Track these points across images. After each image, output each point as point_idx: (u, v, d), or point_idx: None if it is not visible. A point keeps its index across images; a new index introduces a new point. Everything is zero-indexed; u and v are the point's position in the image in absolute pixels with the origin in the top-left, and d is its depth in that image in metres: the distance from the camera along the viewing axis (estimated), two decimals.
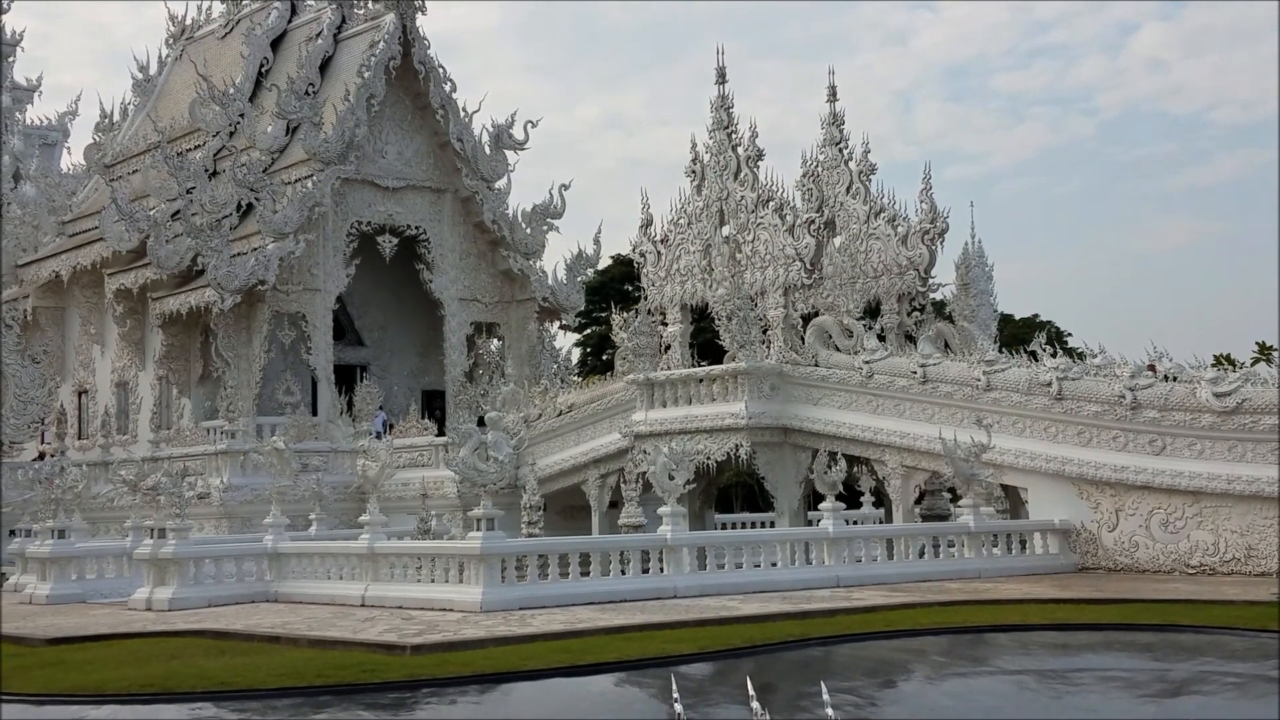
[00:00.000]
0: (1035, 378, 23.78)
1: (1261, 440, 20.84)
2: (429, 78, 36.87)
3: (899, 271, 28.54)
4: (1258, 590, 18.15)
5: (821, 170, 30.12)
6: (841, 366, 27.02)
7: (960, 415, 24.62)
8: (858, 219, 29.25)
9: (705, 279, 30.74)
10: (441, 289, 37.32)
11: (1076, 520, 22.84)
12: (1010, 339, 36.63)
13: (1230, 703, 10.99)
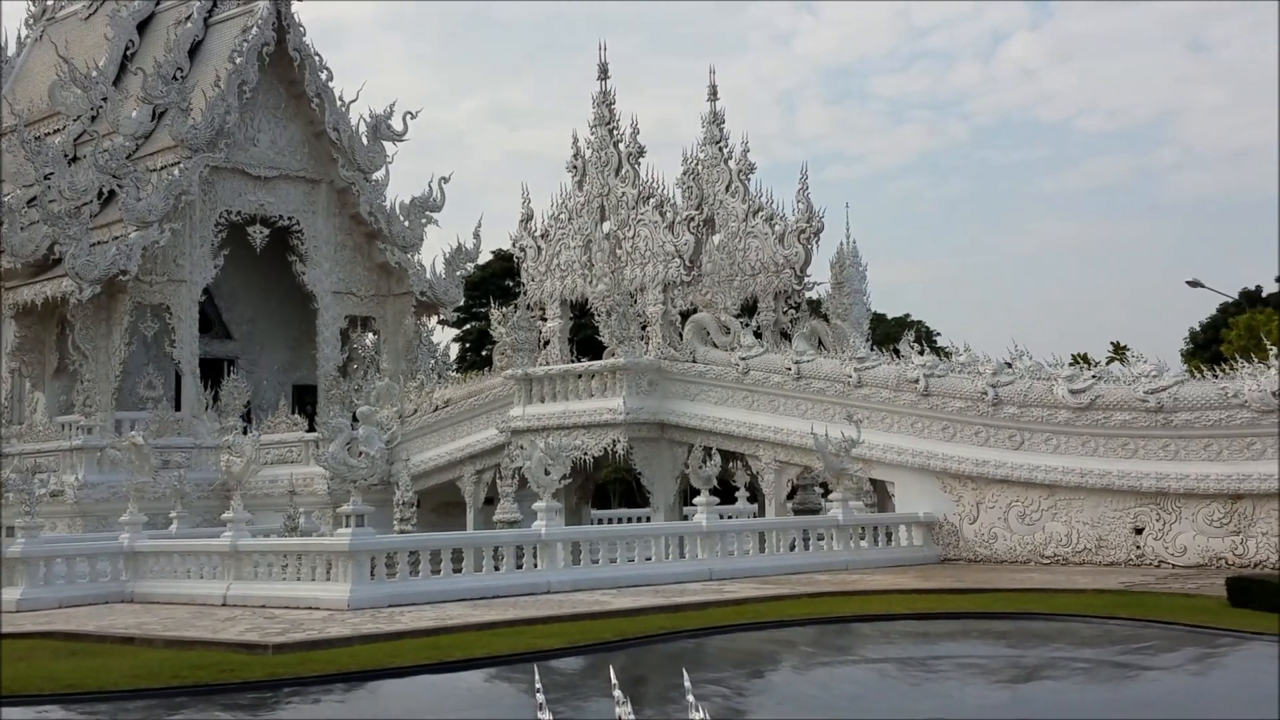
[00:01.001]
0: (903, 375, 24.32)
1: (1113, 436, 21.63)
2: (304, 65, 36.26)
3: (776, 270, 28.92)
4: (1107, 579, 18.85)
5: (702, 168, 30.36)
6: (718, 363, 27.30)
7: (832, 411, 25.08)
8: (736, 217, 29.56)
9: (585, 274, 30.79)
10: (315, 281, 36.75)
11: (940, 513, 23.43)
12: (883, 338, 37.32)
13: (1078, 687, 11.40)
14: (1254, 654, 12.44)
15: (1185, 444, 20.93)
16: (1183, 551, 20.81)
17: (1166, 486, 20.92)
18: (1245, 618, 14.09)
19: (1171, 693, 10.97)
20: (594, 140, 31.04)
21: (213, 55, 37.09)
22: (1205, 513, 20.62)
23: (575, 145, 31.40)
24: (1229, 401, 20.50)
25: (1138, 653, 12.87)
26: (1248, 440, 20.34)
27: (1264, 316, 46.03)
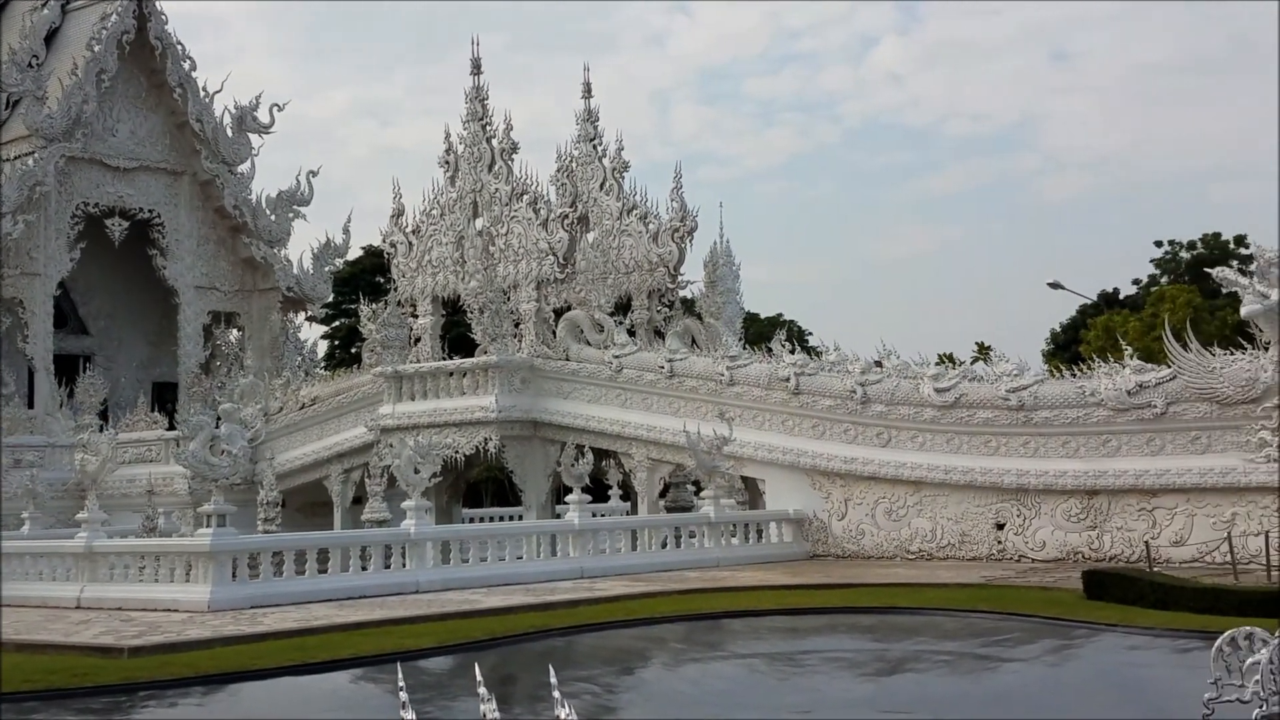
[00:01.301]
0: (775, 373, 24.56)
1: (976, 433, 22.12)
2: (166, 54, 35.29)
3: (649, 268, 28.98)
4: (969, 573, 19.26)
5: (576, 166, 30.28)
6: (592, 361, 27.26)
7: (705, 409, 25.20)
8: (611, 215, 29.54)
9: (457, 271, 30.51)
10: (176, 276, 35.77)
11: (810, 510, 23.71)
12: (755, 337, 37.65)
13: (941, 679, 11.61)
14: (1107, 645, 12.80)
15: (1045, 441, 21.49)
16: (1042, 546, 21.36)
17: (1027, 483, 21.46)
18: (1100, 610, 14.51)
19: (1029, 684, 11.22)
20: (467, 136, 30.78)
21: (70, 43, 35.88)
22: (1063, 508, 21.20)
23: (448, 141, 31.10)
24: (1086, 400, 21.10)
25: (998, 645, 13.14)
26: (1104, 438, 20.95)
27: (1121, 318, 47.49)
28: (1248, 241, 52.16)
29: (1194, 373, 20.08)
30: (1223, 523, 19.45)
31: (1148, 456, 20.48)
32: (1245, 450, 19.58)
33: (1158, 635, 12.99)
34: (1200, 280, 44.24)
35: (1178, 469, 20.11)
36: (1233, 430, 19.77)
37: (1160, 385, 20.40)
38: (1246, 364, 19.71)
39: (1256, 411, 19.54)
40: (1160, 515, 20.29)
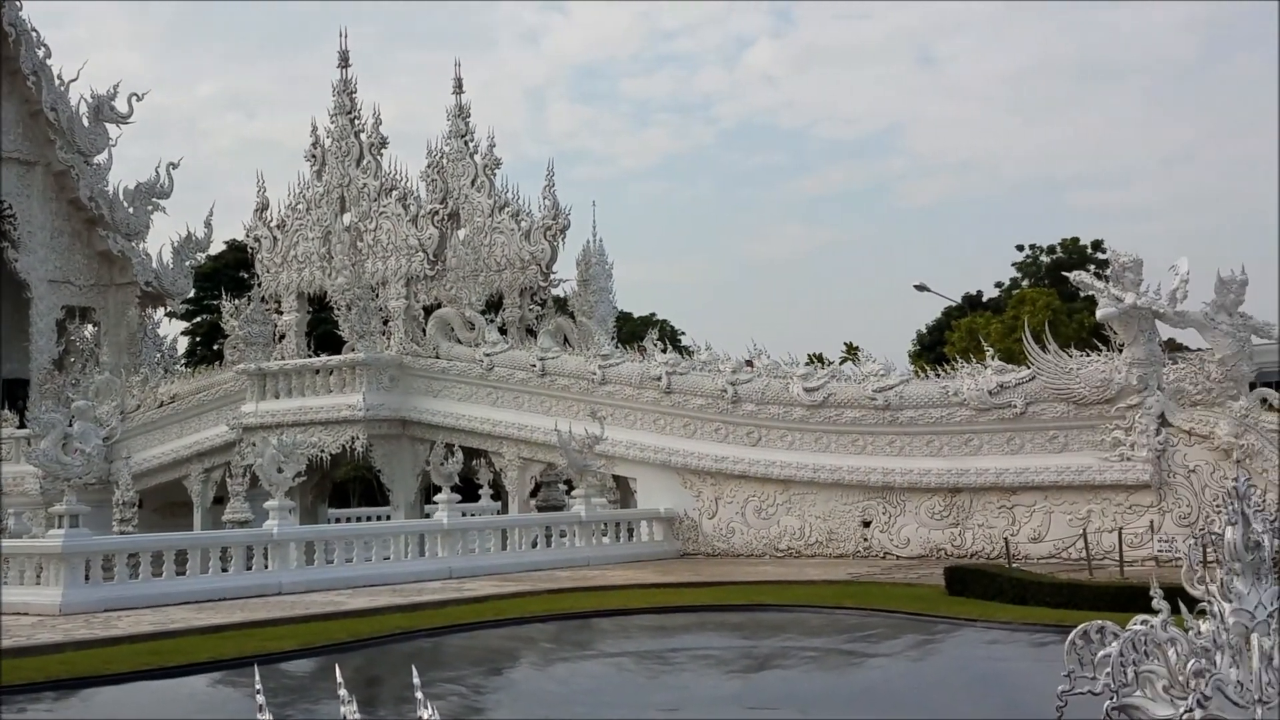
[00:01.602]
0: (647, 373, 24.62)
1: (843, 432, 22.45)
2: (20, 41, 34.01)
3: (521, 266, 28.83)
4: (836, 570, 19.54)
5: (447, 162, 29.98)
6: (462, 359, 27.04)
7: (576, 408, 25.16)
8: (482, 212, 29.32)
9: (324, 267, 29.98)
10: (28, 269, 34.47)
11: (681, 508, 23.83)
12: (628, 336, 37.74)
13: (807, 675, 11.73)
14: (968, 640, 13.07)
15: (910, 440, 21.90)
16: (906, 543, 21.77)
17: (892, 481, 21.85)
18: (961, 605, 14.80)
19: (892, 678, 11.39)
20: (334, 129, 30.27)
21: None
22: (927, 506, 21.63)
23: (314, 134, 30.56)
24: (950, 400, 21.55)
25: (863, 640, 13.33)
26: (966, 437, 21.44)
27: (983, 320, 48.70)
28: (1105, 246, 53.89)
29: (1052, 374, 20.65)
30: (1078, 520, 20.03)
31: (1008, 455, 21.01)
32: (1100, 449, 20.20)
33: (1015, 630, 13.30)
34: (1059, 283, 45.50)
35: (1036, 467, 20.66)
36: (1088, 429, 20.38)
37: (1020, 386, 20.94)
38: (1102, 365, 20.34)
39: (1111, 411, 20.18)
40: (1019, 512, 20.82)
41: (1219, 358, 19.67)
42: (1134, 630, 7.11)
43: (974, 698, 10.39)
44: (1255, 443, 18.79)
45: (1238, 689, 6.77)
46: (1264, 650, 6.88)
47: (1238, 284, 19.60)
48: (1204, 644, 7.00)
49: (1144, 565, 17.87)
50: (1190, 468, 19.50)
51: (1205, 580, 7.31)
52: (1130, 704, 7.01)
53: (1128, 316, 19.83)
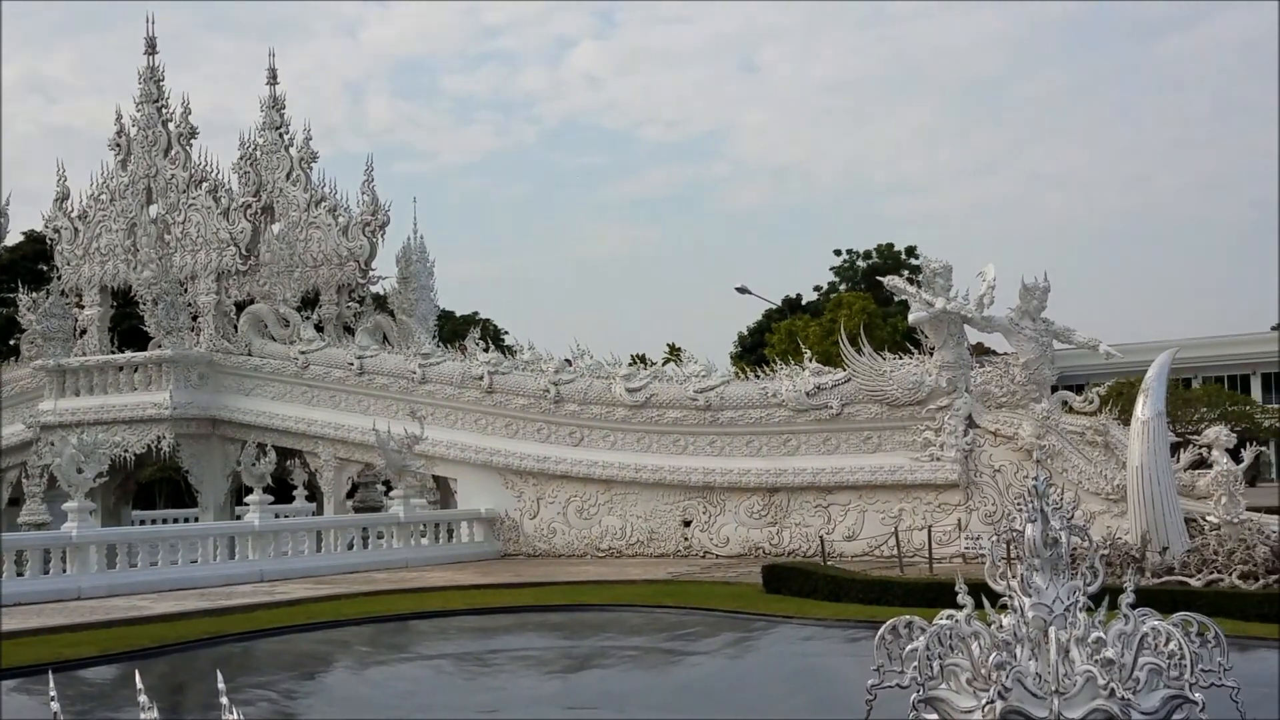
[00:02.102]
0: (468, 372, 24.40)
1: (665, 433, 22.63)
2: None
3: (339, 262, 28.21)
4: (657, 570, 19.67)
5: (261, 154, 29.14)
6: (276, 356, 26.38)
7: (396, 407, 24.79)
8: (298, 206, 28.60)
9: (129, 260, 28.84)
10: None
11: (502, 509, 23.68)
12: (450, 334, 37.36)
13: (626, 674, 11.74)
14: (784, 636, 13.27)
15: (730, 440, 22.19)
16: (726, 542, 22.05)
17: (713, 481, 22.11)
18: (778, 603, 15.06)
19: (710, 675, 11.48)
20: (140, 118, 29.16)
21: None
22: (746, 505, 21.94)
23: (119, 122, 29.39)
24: (769, 401, 21.91)
25: (682, 638, 13.42)
26: (785, 437, 21.83)
27: (802, 322, 49.73)
28: (918, 252, 55.69)
29: (866, 376, 21.18)
30: (891, 518, 20.60)
31: (824, 455, 21.47)
32: (911, 449, 20.81)
33: (829, 626, 13.57)
34: (875, 288, 46.80)
35: (851, 467, 21.17)
36: (901, 430, 20.97)
37: (836, 387, 21.42)
38: (913, 368, 20.95)
39: (922, 413, 20.80)
40: (835, 511, 21.30)
41: (1023, 361, 20.45)
42: (939, 625, 7.31)
43: (789, 693, 10.54)
44: (1056, 443, 19.59)
45: (1036, 680, 7.02)
46: (1061, 643, 7.15)
47: (1041, 290, 20.40)
48: (1005, 637, 7.23)
49: (952, 562, 18.47)
50: (996, 467, 20.22)
51: (1007, 576, 7.57)
52: (936, 696, 7.20)
53: (938, 321, 20.45)
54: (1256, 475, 49.69)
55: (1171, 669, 7.11)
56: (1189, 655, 7.07)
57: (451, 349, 25.66)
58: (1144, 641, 7.15)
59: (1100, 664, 6.98)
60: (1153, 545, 15.48)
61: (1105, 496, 19.05)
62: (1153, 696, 7.07)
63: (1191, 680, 7.03)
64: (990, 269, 20.70)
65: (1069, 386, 28.60)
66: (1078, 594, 7.45)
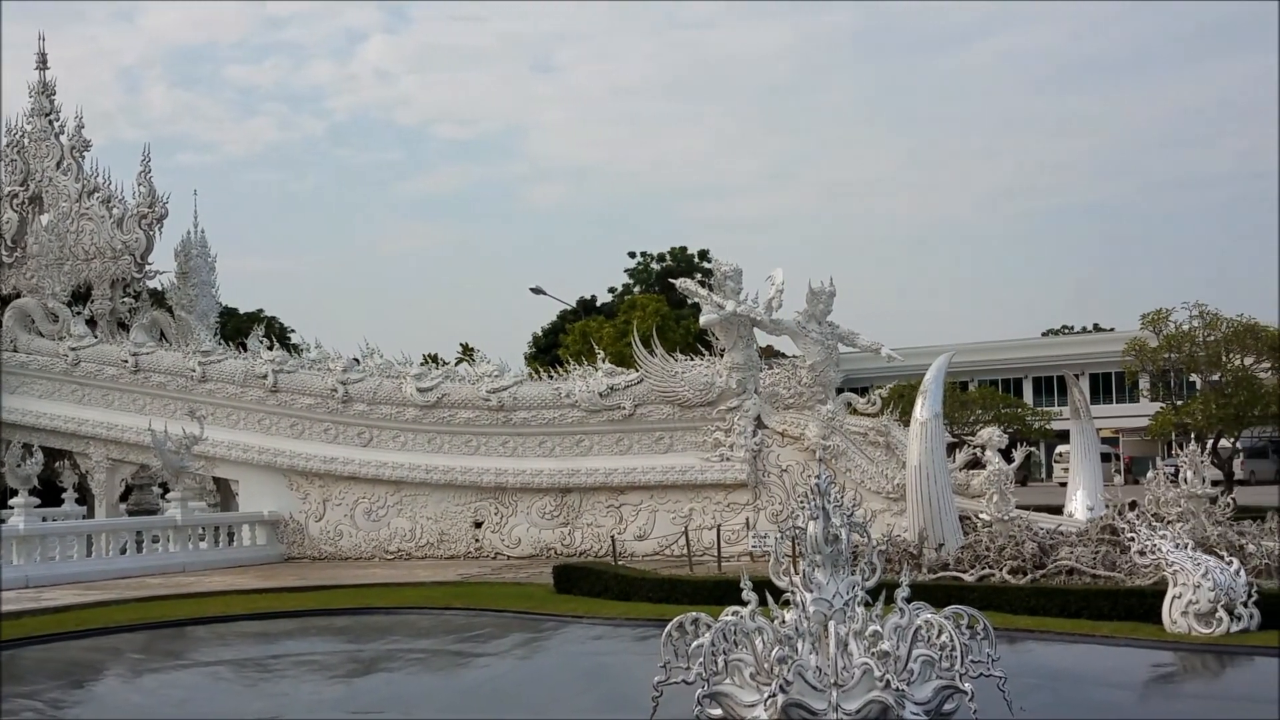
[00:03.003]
0: (252, 370, 23.69)
1: (457, 433, 22.41)
2: None
3: (113, 256, 26.98)
4: (447, 571, 19.47)
5: (29, 141, 27.70)
6: (44, 353, 25.16)
7: (174, 407, 23.90)
8: (69, 197, 27.25)
9: None
10: None
11: (286, 511, 23.07)
12: (233, 332, 36.21)
13: (413, 677, 11.56)
14: (574, 636, 13.32)
15: (523, 441, 22.12)
16: (518, 543, 21.97)
17: (505, 481, 21.99)
18: (568, 603, 15.10)
19: (499, 676, 11.42)
20: None
21: None
22: (539, 506, 21.90)
23: None
24: (562, 401, 21.92)
25: (471, 640, 13.31)
26: (578, 438, 21.87)
27: (597, 323, 49.98)
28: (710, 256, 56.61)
29: (658, 377, 21.40)
30: (681, 518, 20.86)
31: (617, 455, 21.61)
32: (702, 450, 21.12)
33: (619, 625, 13.67)
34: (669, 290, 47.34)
35: (643, 467, 21.36)
36: (692, 431, 21.27)
37: (629, 388, 21.58)
38: (704, 369, 21.27)
39: (712, 414, 21.13)
40: (627, 511, 21.45)
41: (809, 364, 20.99)
42: (724, 621, 7.43)
43: (578, 692, 10.56)
44: (840, 444, 20.17)
45: (816, 674, 7.21)
46: (840, 637, 7.36)
47: (827, 295, 20.99)
48: (787, 632, 7.41)
49: (741, 560, 18.79)
50: (783, 467, 20.70)
51: (790, 572, 7.74)
52: (720, 691, 7.31)
53: (728, 323, 20.82)
54: (1027, 475, 52.26)
55: (943, 660, 7.42)
56: (959, 647, 7.39)
57: (233, 347, 24.86)
58: (918, 634, 7.43)
59: (877, 656, 7.22)
60: (929, 542, 16.04)
61: (886, 495, 19.69)
62: (925, 687, 7.35)
63: (962, 671, 7.35)
64: (779, 273, 21.17)
65: (854, 389, 29.57)
66: (857, 589, 7.69)
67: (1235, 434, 33.45)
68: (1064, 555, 14.86)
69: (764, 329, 21.30)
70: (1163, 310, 33.08)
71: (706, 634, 7.40)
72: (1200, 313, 32.13)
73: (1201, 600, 11.62)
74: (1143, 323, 33.70)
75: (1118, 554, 14.53)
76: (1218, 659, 11.10)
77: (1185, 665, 11.09)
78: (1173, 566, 11.94)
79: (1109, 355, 48.47)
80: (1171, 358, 32.93)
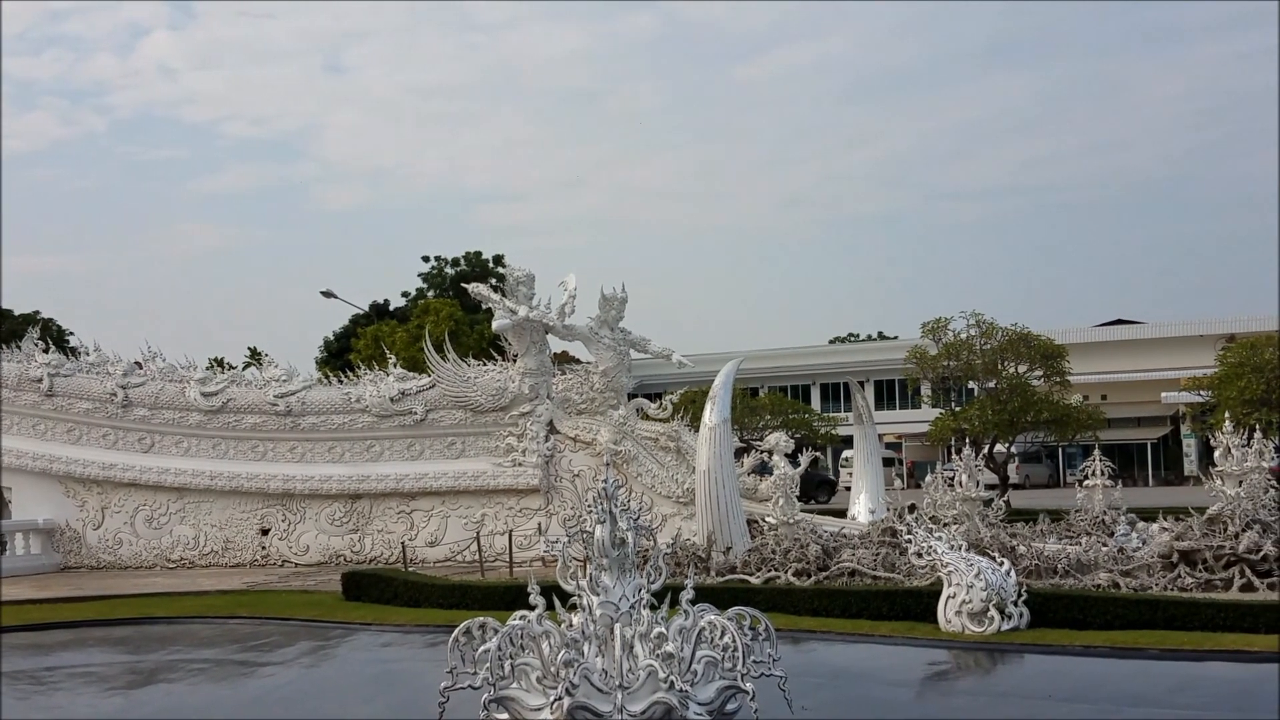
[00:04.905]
0: (26, 373, 22.72)
1: (244, 438, 21.94)
2: None
3: None
4: (232, 580, 19.05)
5: None
6: None
7: None
8: None
9: None
10: None
11: (63, 519, 22.20)
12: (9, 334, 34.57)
13: (195, 687, 11.33)
14: (362, 644, 13.24)
15: (312, 447, 21.78)
16: (306, 550, 21.61)
17: (293, 488, 21.62)
18: (357, 610, 15.00)
19: (284, 685, 11.28)
20: None
21: None
22: (328, 512, 21.61)
23: None
24: (352, 406, 21.68)
25: (256, 649, 13.10)
26: (368, 443, 21.66)
27: (389, 328, 49.38)
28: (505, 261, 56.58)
29: (451, 382, 21.38)
30: (474, 523, 20.89)
31: (408, 461, 21.49)
32: (495, 455, 21.19)
33: (409, 631, 13.67)
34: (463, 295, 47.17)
35: (435, 473, 21.30)
36: (485, 436, 21.31)
37: (421, 393, 21.50)
38: (497, 374, 21.35)
39: (505, 419, 21.23)
40: (418, 517, 21.35)
41: (602, 369, 21.29)
42: (511, 626, 7.55)
43: (365, 699, 10.54)
44: (632, 449, 20.50)
45: (603, 676, 7.37)
46: (625, 639, 7.54)
47: (619, 301, 21.33)
48: (574, 635, 7.56)
49: (533, 566, 18.95)
50: (575, 472, 20.93)
51: (578, 576, 7.89)
52: (507, 696, 7.42)
53: (520, 329, 20.96)
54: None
55: (726, 660, 7.61)
56: (741, 647, 7.58)
57: (7, 350, 23.76)
58: (701, 635, 7.62)
59: (661, 658, 7.38)
60: (718, 545, 16.41)
61: (676, 500, 20.09)
62: (709, 688, 7.55)
63: (744, 671, 7.54)
64: (571, 279, 21.40)
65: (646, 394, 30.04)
66: (642, 592, 7.86)
67: (1010, 439, 34.78)
68: (846, 557, 15.30)
69: (557, 334, 21.47)
70: (942, 319, 34.14)
71: (494, 638, 7.48)
72: (977, 321, 33.37)
73: (974, 600, 12.11)
74: (923, 331, 34.82)
75: (898, 555, 15.07)
76: (989, 656, 11.60)
77: (959, 663, 11.55)
78: (947, 567, 12.43)
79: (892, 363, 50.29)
80: (950, 365, 34.01)
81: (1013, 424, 32.97)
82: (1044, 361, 33.35)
